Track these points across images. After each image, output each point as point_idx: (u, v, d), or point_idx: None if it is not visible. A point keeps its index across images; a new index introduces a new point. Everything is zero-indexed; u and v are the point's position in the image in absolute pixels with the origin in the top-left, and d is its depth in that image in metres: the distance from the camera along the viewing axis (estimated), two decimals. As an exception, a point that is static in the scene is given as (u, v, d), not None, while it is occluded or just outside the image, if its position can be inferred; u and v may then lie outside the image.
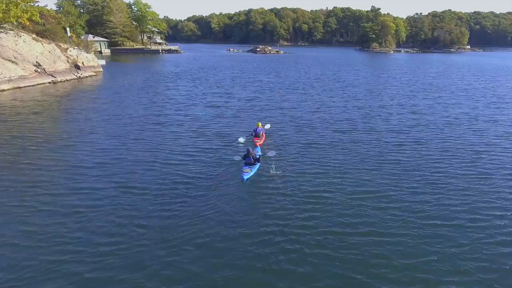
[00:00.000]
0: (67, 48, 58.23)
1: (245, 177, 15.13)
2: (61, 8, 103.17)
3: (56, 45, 56.53)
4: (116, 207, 13.04)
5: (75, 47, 60.84)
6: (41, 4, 68.20)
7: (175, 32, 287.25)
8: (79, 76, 54.25)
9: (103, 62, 76.74)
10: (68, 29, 64.37)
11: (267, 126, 23.44)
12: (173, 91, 39.45)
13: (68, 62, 56.16)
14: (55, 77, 50.05)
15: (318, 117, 27.66)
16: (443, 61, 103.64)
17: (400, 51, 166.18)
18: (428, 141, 21.56)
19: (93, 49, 64.47)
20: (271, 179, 15.74)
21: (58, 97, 35.47)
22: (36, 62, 50.43)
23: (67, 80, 50.97)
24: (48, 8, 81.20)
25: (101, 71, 62.10)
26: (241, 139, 18.86)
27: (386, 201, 13.75)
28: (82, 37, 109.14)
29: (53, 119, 26.30)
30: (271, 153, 17.76)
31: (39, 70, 49.73)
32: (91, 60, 62.59)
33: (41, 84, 46.16)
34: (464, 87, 45.39)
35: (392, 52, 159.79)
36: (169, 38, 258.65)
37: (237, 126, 24.77)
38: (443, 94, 39.43)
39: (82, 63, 59.44)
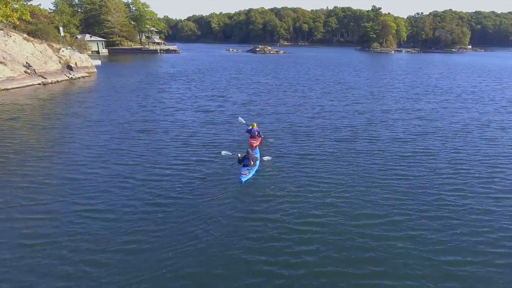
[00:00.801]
0: (59, 48, 56.18)
1: (243, 179, 14.81)
2: (57, 7, 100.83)
3: (48, 45, 54.49)
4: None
5: (68, 47, 58.82)
6: (35, 3, 66.33)
7: (175, 32, 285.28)
8: (71, 77, 52.18)
9: (98, 62, 74.77)
10: (61, 28, 62.14)
11: (266, 158, 22.70)
12: (165, 94, 37.33)
13: (60, 62, 54.08)
14: (45, 78, 48.00)
15: (317, 123, 25.55)
16: (445, 61, 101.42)
17: (401, 51, 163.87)
18: (437, 153, 19.39)
19: (87, 49, 61.88)
20: (269, 181, 15.41)
21: (43, 100, 33.33)
22: (26, 62, 48.38)
23: (58, 81, 48.93)
24: (44, 7, 79.55)
25: (95, 72, 60.02)
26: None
27: (387, 214, 12.15)
28: (79, 36, 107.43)
29: (30, 126, 24.10)
30: (267, 158, 17.14)
31: (29, 71, 47.69)
32: (85, 60, 60.47)
33: (30, 85, 44.11)
34: (470, 90, 43.18)
35: (393, 52, 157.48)
36: (169, 38, 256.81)
37: (228, 134, 22.74)
38: (449, 97, 37.26)
39: (75, 63, 57.37)
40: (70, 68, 54.45)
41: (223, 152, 17.24)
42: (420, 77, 57.27)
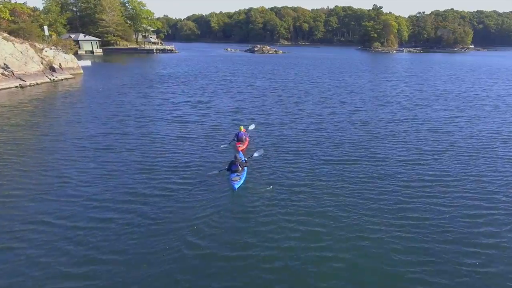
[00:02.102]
0: (42, 49, 52.36)
1: (236, 186, 13.96)
2: (45, 5, 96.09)
3: (31, 45, 50.67)
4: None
5: (53, 47, 54.94)
6: (19, 0, 62.42)
7: (174, 31, 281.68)
8: (53, 79, 48.34)
9: (88, 63, 70.98)
10: (46, 27, 58.17)
11: (251, 127, 22.42)
12: (145, 100, 33.16)
13: (42, 63, 50.23)
14: (24, 80, 44.19)
15: (311, 138, 21.53)
16: (450, 61, 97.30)
17: (402, 50, 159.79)
18: (458, 180, 15.34)
19: (72, 49, 58.07)
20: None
21: (11, 107, 29.42)
22: (4, 64, 44.61)
23: (37, 84, 45.13)
24: (34, 5, 75.63)
25: (81, 73, 56.27)
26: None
27: None
28: (73, 36, 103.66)
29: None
30: (258, 153, 16.71)
31: (6, 72, 43.88)
32: (70, 61, 56.61)
33: (6, 88, 40.35)
34: (483, 94, 38.97)
35: (394, 52, 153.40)
36: (169, 37, 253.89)
37: (202, 149, 18.85)
38: (461, 103, 33.17)
39: (60, 64, 53.54)
40: (53, 69, 50.63)
41: (208, 174, 15.63)
42: (427, 79, 53.14)
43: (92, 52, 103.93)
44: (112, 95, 35.49)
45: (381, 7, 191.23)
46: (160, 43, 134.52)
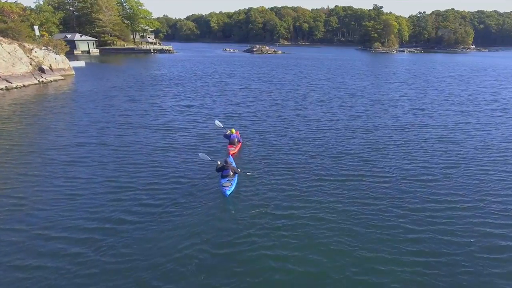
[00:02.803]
0: (32, 49, 50.18)
1: (228, 192, 13.25)
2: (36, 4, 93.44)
3: (20, 45, 48.50)
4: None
5: (43, 48, 52.74)
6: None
7: (174, 31, 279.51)
8: (42, 81, 46.25)
9: (81, 63, 68.85)
10: (36, 27, 55.93)
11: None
12: (131, 105, 30.75)
13: (31, 64, 48.08)
14: (10, 82, 42.11)
15: (308, 147, 19.34)
16: (452, 62, 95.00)
17: (403, 51, 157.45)
18: (473, 201, 13.15)
19: (63, 49, 55.88)
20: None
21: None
22: (-11, 65, 42.69)
23: (24, 86, 43.04)
24: (25, 4, 73.26)
25: (72, 74, 54.15)
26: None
27: None
28: (69, 36, 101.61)
29: None
30: (250, 173, 15.38)
31: (-9, 74, 42.00)
32: (61, 62, 54.43)
33: (-10, 91, 38.46)
34: (491, 98, 36.51)
35: (395, 52, 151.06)
36: (168, 37, 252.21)
37: (183, 164, 16.60)
38: (469, 108, 30.88)
39: (50, 65, 51.42)
40: (42, 70, 48.50)
41: (201, 155, 15.46)
42: (430, 81, 50.82)
43: (88, 52, 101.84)
44: (97, 99, 33.26)
45: (381, 7, 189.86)
46: (158, 43, 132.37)
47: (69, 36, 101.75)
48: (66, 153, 18.03)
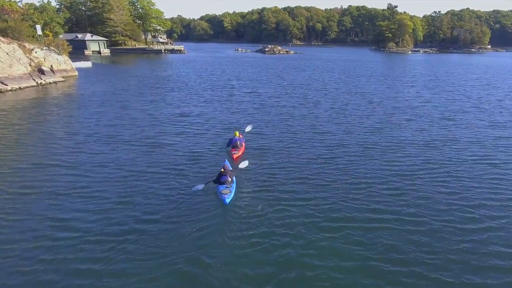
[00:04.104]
0: (32, 49, 47.17)
1: (227, 200, 12.00)
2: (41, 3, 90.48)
3: (20, 45, 45.55)
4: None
5: (44, 48, 49.72)
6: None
7: (188, 31, 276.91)
8: (41, 83, 43.19)
9: (88, 64, 65.88)
10: (38, 26, 52.94)
11: (248, 128, 20.58)
12: (126, 112, 27.09)
13: (30, 65, 45.08)
14: (5, 84, 39.15)
15: (320, 169, 15.32)
16: (471, 62, 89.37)
17: (418, 51, 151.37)
18: None
19: (65, 49, 52.90)
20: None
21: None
22: (-15, 66, 39.83)
23: (20, 88, 40.05)
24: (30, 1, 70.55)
25: (75, 75, 51.13)
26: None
27: None
28: (80, 36, 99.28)
29: None
30: (243, 165, 14.73)
31: (-14, 76, 39.13)
32: (63, 62, 51.37)
33: (-18, 94, 35.52)
34: (527, 104, 31.95)
35: (409, 52, 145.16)
36: (182, 37, 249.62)
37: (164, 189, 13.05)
38: (506, 118, 26.36)
39: (51, 66, 48.38)
40: (41, 72, 45.47)
41: (194, 188, 13.13)
42: (454, 83, 45.96)
43: (99, 52, 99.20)
44: (89, 105, 29.64)
45: (396, 6, 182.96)
46: (170, 43, 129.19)
47: (80, 36, 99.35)
48: (39, 171, 14.42)
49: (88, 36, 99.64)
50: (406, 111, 28.46)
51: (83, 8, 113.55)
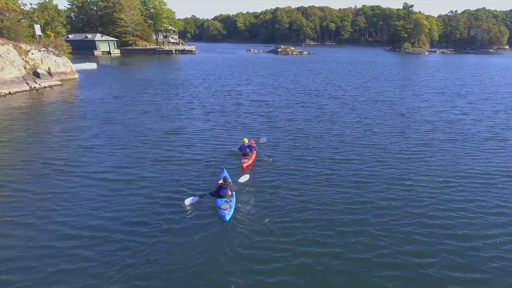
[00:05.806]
0: (28, 51, 43.22)
1: (227, 217, 10.71)
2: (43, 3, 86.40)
3: (15, 46, 41.66)
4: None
5: (42, 49, 45.75)
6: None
7: (201, 31, 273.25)
8: (34, 87, 39.29)
9: (93, 66, 61.93)
10: (37, 26, 49.04)
11: (263, 140, 18.63)
12: (115, 125, 22.85)
13: (25, 68, 41.16)
14: (-5, 89, 35.32)
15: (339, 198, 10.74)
16: (495, 64, 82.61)
17: (435, 51, 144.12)
18: None
19: (65, 50, 48.94)
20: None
21: None
22: (-27, 69, 36.04)
23: (11, 93, 36.25)
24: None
25: (75, 78, 47.25)
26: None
27: None
28: (89, 36, 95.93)
29: None
30: (243, 179, 13.38)
31: (-27, 80, 35.35)
32: (62, 64, 47.35)
33: (-34, 100, 31.67)
34: None
35: (426, 52, 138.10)
36: (195, 38, 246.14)
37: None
38: None
39: (48, 69, 44.47)
40: (37, 75, 41.51)
41: (186, 201, 11.68)
42: (486, 90, 40.05)
43: (109, 53, 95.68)
44: (78, 115, 25.41)
45: (412, 6, 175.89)
46: (182, 43, 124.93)
47: (89, 36, 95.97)
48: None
49: (97, 37, 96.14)
50: (443, 129, 22.78)
51: (95, 8, 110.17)
